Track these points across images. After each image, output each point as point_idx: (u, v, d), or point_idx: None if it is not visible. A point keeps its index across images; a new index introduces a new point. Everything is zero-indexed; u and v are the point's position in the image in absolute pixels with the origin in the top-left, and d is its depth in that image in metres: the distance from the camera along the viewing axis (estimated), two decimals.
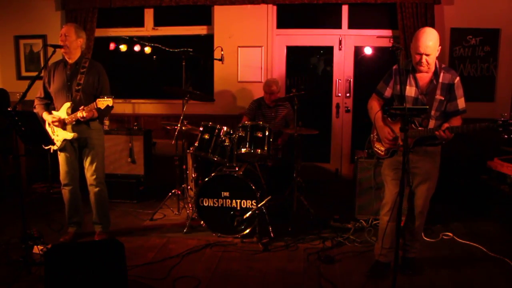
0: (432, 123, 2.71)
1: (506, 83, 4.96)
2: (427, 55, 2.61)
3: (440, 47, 2.69)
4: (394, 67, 2.85)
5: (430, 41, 2.60)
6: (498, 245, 3.41)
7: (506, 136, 2.31)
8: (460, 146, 4.68)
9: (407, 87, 2.76)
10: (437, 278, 2.90)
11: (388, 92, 2.89)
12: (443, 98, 2.71)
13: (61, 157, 3.45)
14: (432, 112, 2.71)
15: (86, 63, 3.38)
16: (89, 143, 3.44)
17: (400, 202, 2.35)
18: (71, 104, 3.31)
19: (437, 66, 2.73)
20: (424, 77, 2.73)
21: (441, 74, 2.72)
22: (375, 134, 2.99)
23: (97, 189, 3.50)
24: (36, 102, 3.48)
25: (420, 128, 2.69)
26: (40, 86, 3.48)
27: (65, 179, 3.48)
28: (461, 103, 2.74)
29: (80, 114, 3.21)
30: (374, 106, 2.95)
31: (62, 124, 3.33)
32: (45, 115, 3.39)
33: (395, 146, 2.79)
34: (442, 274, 2.95)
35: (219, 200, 3.61)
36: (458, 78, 2.73)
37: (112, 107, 3.21)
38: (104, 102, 3.13)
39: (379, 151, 2.94)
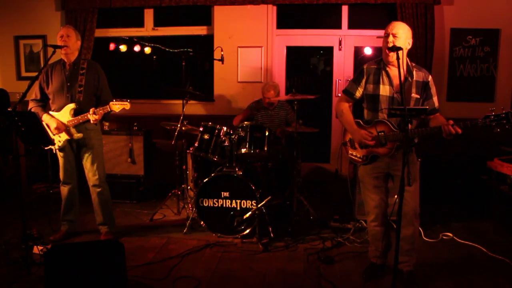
0: (410, 124, 2.61)
1: (506, 83, 4.97)
2: (394, 35, 2.56)
3: (411, 40, 2.65)
4: (365, 65, 2.78)
5: (398, 24, 2.61)
6: (498, 245, 3.41)
7: (498, 129, 2.31)
8: (460, 146, 4.68)
9: (381, 86, 2.68)
10: (437, 278, 2.90)
11: (359, 93, 2.79)
12: (418, 97, 2.67)
13: (60, 156, 3.47)
14: None
15: (84, 64, 3.39)
16: (87, 143, 3.44)
17: (400, 203, 2.34)
18: (75, 105, 3.32)
19: (409, 63, 2.68)
20: (397, 76, 2.57)
21: (414, 71, 2.67)
22: (347, 139, 2.89)
23: (99, 189, 3.51)
24: (31, 105, 3.45)
25: (397, 130, 2.60)
26: (36, 87, 3.45)
27: (64, 178, 3.52)
28: (436, 101, 2.71)
29: (92, 117, 3.23)
30: (345, 109, 2.84)
31: (65, 128, 3.34)
32: (46, 117, 3.37)
33: (373, 150, 2.71)
34: (441, 275, 2.95)
35: (219, 200, 3.61)
36: (430, 76, 2.71)
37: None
38: (120, 105, 3.17)
39: (356, 158, 2.84)
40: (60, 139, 3.37)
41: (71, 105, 3.32)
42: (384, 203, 2.86)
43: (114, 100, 3.24)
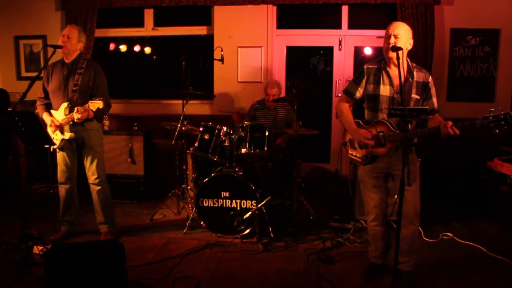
0: (409, 124, 2.57)
1: (506, 83, 4.97)
2: (395, 36, 2.56)
3: (412, 41, 2.65)
4: (365, 66, 2.77)
5: (399, 25, 2.61)
6: (498, 245, 3.41)
7: (497, 131, 2.31)
8: (460, 146, 4.68)
9: (381, 86, 2.68)
10: (437, 278, 2.90)
11: (359, 93, 2.79)
12: (418, 97, 2.67)
13: (59, 156, 3.48)
14: None
15: (83, 64, 3.39)
16: (86, 143, 3.44)
17: (400, 203, 2.34)
18: (68, 104, 3.32)
19: (410, 64, 2.68)
20: (397, 76, 2.55)
21: (415, 72, 2.67)
22: (347, 139, 2.90)
23: (99, 187, 3.52)
24: (37, 103, 3.50)
25: (399, 130, 2.59)
26: (40, 86, 3.49)
27: (61, 178, 3.51)
28: (435, 102, 2.71)
29: (75, 115, 3.23)
30: (345, 109, 2.84)
31: (59, 128, 3.35)
32: (45, 116, 3.40)
33: (372, 151, 2.72)
34: (441, 275, 2.95)
35: (219, 200, 3.61)
36: (431, 77, 2.71)
37: (105, 108, 3.23)
38: (95, 104, 3.12)
39: (356, 158, 2.85)
40: (57, 137, 3.38)
41: (65, 104, 3.33)
42: (384, 203, 2.86)
43: (96, 99, 3.15)
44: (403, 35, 2.59)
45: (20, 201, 3.01)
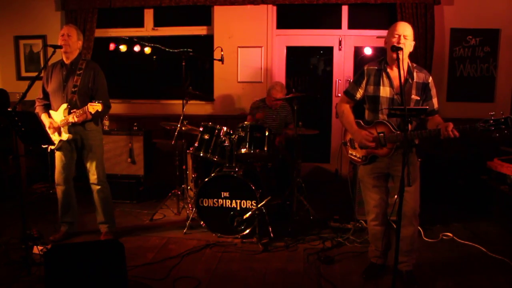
0: (410, 125, 2.55)
1: (506, 83, 4.97)
2: (405, 37, 2.56)
3: (414, 42, 2.66)
4: (365, 66, 2.78)
5: (407, 26, 2.61)
6: (498, 245, 3.41)
7: (497, 134, 2.31)
8: (460, 146, 4.69)
9: (381, 88, 2.68)
10: (437, 278, 2.90)
11: (359, 94, 2.79)
12: (418, 98, 2.66)
13: (57, 156, 3.48)
14: None
15: (82, 65, 3.38)
16: (86, 144, 3.45)
17: (400, 204, 2.34)
18: (67, 106, 3.32)
19: (410, 64, 2.67)
20: (397, 77, 2.55)
21: (415, 73, 2.67)
22: (348, 139, 2.91)
23: (98, 187, 3.52)
24: (36, 104, 3.51)
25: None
26: (40, 86, 3.50)
27: (57, 179, 3.51)
28: (436, 102, 2.70)
29: (71, 119, 3.23)
30: (346, 110, 2.85)
31: (57, 129, 3.36)
32: (44, 117, 3.40)
33: (372, 151, 2.72)
34: (441, 275, 2.95)
35: (219, 200, 3.61)
36: (431, 78, 2.70)
37: (104, 109, 3.23)
38: (94, 106, 3.10)
39: (356, 158, 2.86)
40: (55, 138, 3.38)
41: (64, 105, 3.33)
42: (384, 203, 2.86)
43: (95, 102, 3.12)
44: (410, 36, 2.60)
45: (20, 201, 3.01)
